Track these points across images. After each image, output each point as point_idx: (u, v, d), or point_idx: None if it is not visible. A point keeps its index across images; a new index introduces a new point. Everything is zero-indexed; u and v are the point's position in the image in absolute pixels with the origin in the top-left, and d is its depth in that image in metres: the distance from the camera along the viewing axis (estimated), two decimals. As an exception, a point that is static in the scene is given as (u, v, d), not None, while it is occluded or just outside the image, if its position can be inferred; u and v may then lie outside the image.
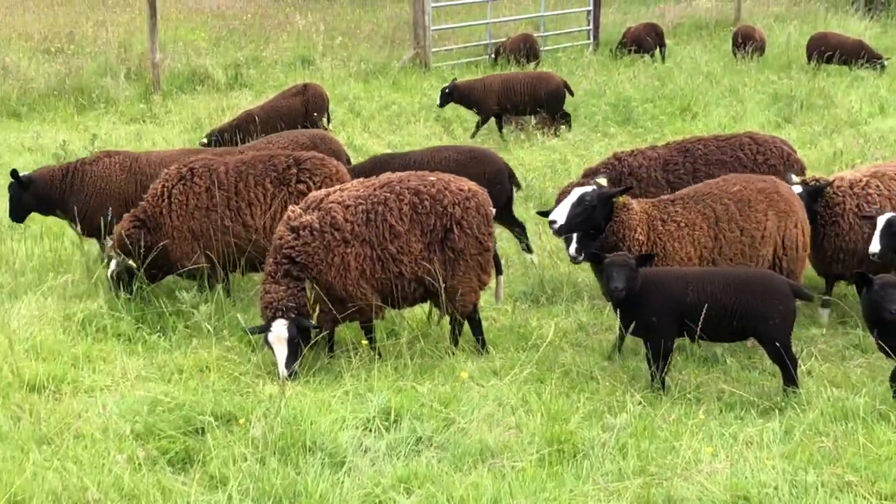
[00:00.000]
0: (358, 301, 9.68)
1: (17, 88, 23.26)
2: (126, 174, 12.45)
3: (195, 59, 26.61)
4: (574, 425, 8.14)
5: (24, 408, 8.41)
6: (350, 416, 8.28)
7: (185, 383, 9.15)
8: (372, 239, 9.67)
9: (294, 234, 9.60)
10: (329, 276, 9.55)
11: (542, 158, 17.90)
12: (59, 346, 9.91)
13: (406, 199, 9.78)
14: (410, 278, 9.79)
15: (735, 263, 9.92)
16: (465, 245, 9.84)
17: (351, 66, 27.39)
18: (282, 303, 9.44)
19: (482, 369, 9.46)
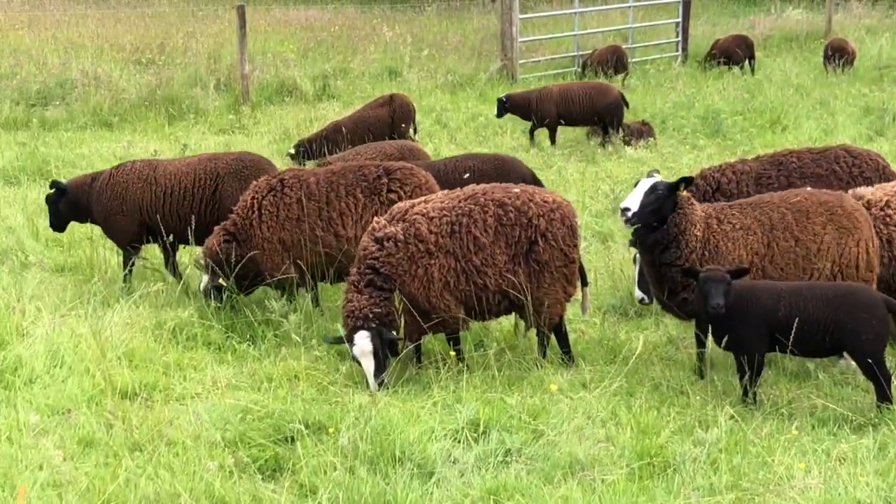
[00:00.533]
0: (441, 313, 9.69)
1: (108, 99, 23.61)
2: (142, 183, 12.54)
3: (283, 70, 26.88)
4: (664, 439, 8.08)
5: (116, 415, 8.52)
6: (439, 427, 8.29)
7: (275, 392, 9.21)
8: (456, 251, 9.67)
9: (378, 245, 9.65)
10: (412, 287, 9.58)
11: (630, 171, 17.82)
12: (151, 354, 10.03)
13: (491, 211, 9.77)
14: (495, 290, 9.78)
15: (787, 274, 9.74)
16: (549, 257, 9.82)
17: (438, 78, 27.52)
18: (363, 311, 9.47)
19: (571, 382, 9.42)
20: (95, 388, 9.16)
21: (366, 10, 39.07)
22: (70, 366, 9.59)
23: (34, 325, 10.38)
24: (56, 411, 8.77)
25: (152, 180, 12.47)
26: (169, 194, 12.38)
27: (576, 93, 20.54)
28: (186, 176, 12.43)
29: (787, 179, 11.46)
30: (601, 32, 32.15)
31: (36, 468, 7.63)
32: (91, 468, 7.64)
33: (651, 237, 9.58)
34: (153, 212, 12.38)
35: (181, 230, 12.27)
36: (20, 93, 24.04)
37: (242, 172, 12.33)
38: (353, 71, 28.28)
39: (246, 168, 12.39)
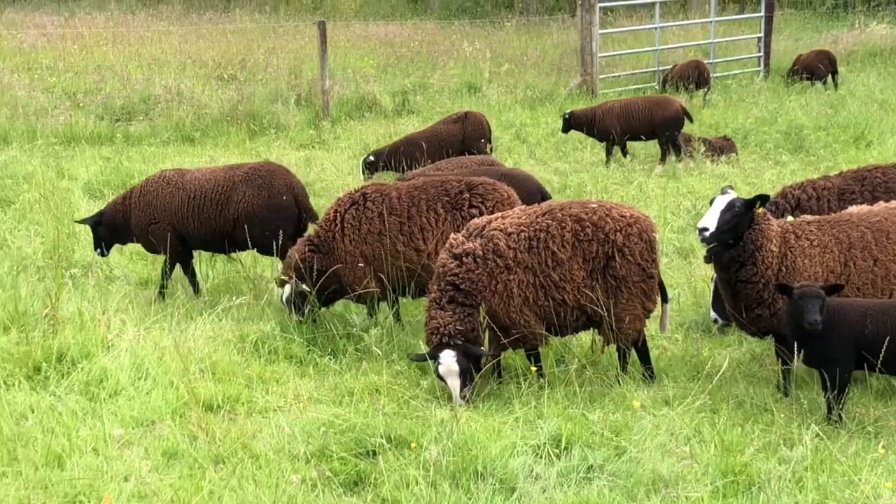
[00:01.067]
0: (521, 328, 9.69)
1: (191, 114, 23.92)
2: (172, 188, 12.81)
3: (363, 85, 27.06)
4: (749, 457, 8.01)
5: (200, 427, 8.60)
6: (520, 443, 8.28)
7: (356, 406, 9.26)
8: (534, 266, 9.68)
9: (457, 262, 9.66)
10: (493, 302, 9.59)
11: (712, 186, 17.70)
12: (234, 367, 10.12)
13: (568, 227, 9.76)
14: (573, 306, 9.77)
15: (864, 294, 9.61)
16: (627, 272, 9.80)
17: (517, 93, 27.58)
18: (448, 328, 9.47)
19: (654, 398, 9.37)
20: (179, 400, 9.25)
21: (445, 25, 39.22)
22: (154, 378, 9.69)
23: (119, 337, 10.51)
24: (140, 423, 8.87)
25: (180, 186, 12.79)
26: (192, 199, 12.67)
27: (637, 107, 20.44)
28: (209, 182, 12.72)
29: (871, 195, 11.31)
30: (682, 47, 32.03)
31: (121, 479, 7.71)
32: (175, 480, 7.71)
33: (727, 254, 9.51)
34: (180, 218, 12.73)
35: (202, 236, 12.74)
36: (104, 108, 24.41)
37: (256, 181, 12.55)
38: (432, 86, 28.39)
39: (260, 177, 12.60)
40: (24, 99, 24.15)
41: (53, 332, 10.54)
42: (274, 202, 12.50)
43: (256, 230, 12.45)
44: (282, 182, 12.61)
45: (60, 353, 10.00)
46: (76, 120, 23.18)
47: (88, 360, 9.90)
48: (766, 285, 9.47)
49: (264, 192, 12.49)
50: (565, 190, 17.32)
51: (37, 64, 28.25)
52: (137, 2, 46.49)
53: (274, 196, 12.51)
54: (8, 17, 38.55)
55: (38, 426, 8.57)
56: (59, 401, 9.14)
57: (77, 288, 12.14)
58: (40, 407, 8.99)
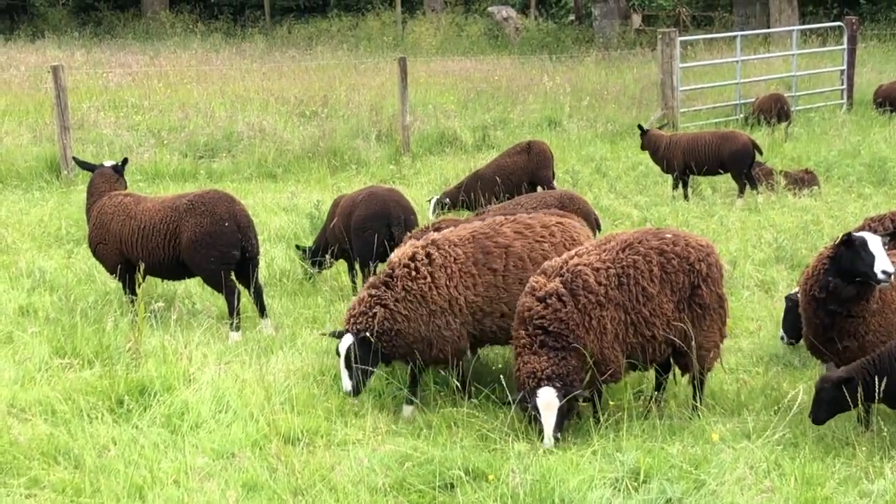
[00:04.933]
0: (612, 364, 9.60)
1: (273, 150, 24.16)
2: (125, 216, 13.07)
3: (444, 121, 27.20)
4: (830, 490, 7.94)
5: (280, 459, 8.66)
6: (599, 476, 8.25)
7: (434, 439, 9.27)
8: (625, 303, 9.61)
9: (542, 304, 9.47)
10: (586, 340, 9.42)
11: (794, 220, 17.61)
12: (313, 400, 10.19)
13: (654, 261, 9.72)
14: (662, 340, 9.73)
15: None
16: (710, 300, 9.80)
17: (598, 127, 27.57)
18: (545, 371, 9.27)
19: (733, 431, 9.30)
20: (259, 432, 9.34)
21: (525, 60, 39.25)
22: (235, 411, 9.79)
23: (200, 371, 10.64)
24: (221, 455, 8.96)
25: (133, 215, 13.05)
26: (141, 228, 12.90)
27: (704, 141, 20.27)
28: (157, 213, 12.91)
29: None
30: (764, 80, 31.84)
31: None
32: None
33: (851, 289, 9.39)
34: (129, 245, 13.01)
35: (152, 264, 12.88)
36: (188, 145, 24.71)
37: (199, 209, 12.67)
38: (512, 121, 28.46)
39: (203, 204, 12.71)
40: (110, 137, 24.51)
41: (136, 365, 10.70)
42: (216, 229, 12.60)
43: (200, 258, 12.61)
44: (224, 209, 12.70)
45: (142, 387, 10.15)
46: (160, 157, 23.50)
47: (170, 394, 10.03)
48: (864, 319, 9.43)
49: (206, 219, 12.59)
50: (645, 223, 17.26)
51: (122, 102, 28.66)
52: (221, 41, 47.04)
53: (216, 223, 12.60)
54: (95, 56, 39.13)
55: (120, 458, 8.69)
56: (140, 433, 9.27)
57: (160, 322, 12.28)
58: (122, 439, 9.12)
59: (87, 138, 24.55)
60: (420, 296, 10.06)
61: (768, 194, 19.61)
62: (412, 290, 10.06)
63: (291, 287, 14.58)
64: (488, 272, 10.31)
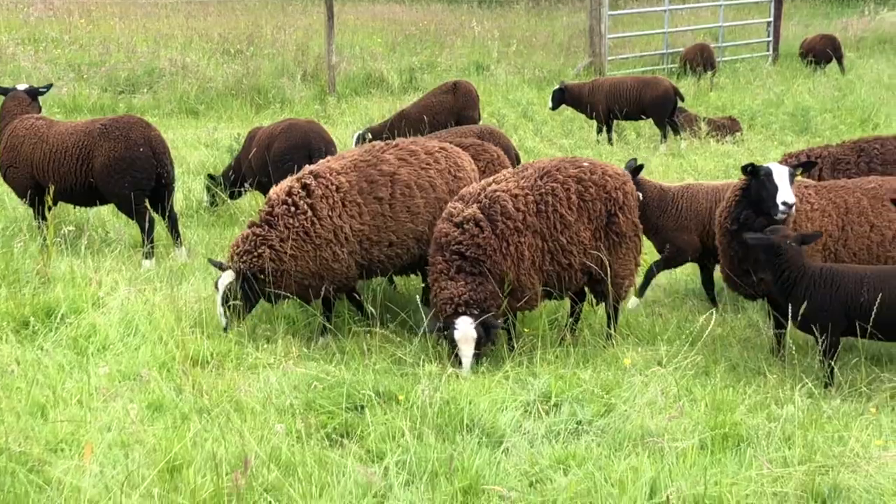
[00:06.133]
0: (528, 291, 9.55)
1: (195, 87, 23.88)
2: (37, 139, 12.80)
3: (370, 63, 27.01)
4: (739, 416, 7.92)
5: (187, 378, 8.51)
6: (510, 399, 8.21)
7: (347, 363, 9.17)
8: (543, 230, 9.54)
9: (459, 230, 9.40)
10: (503, 266, 9.37)
11: (716, 164, 17.66)
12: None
13: (572, 188, 9.64)
14: (578, 268, 9.67)
15: (860, 260, 9.53)
16: (626, 229, 9.77)
17: (525, 73, 27.46)
18: (462, 297, 9.20)
19: (646, 358, 9.29)
20: (168, 354, 9.18)
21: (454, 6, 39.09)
22: (144, 334, 9.61)
23: (110, 295, 10.45)
24: (127, 377, 8.78)
25: (45, 138, 12.78)
26: (54, 152, 12.63)
27: (626, 86, 20.33)
28: (70, 137, 12.66)
29: (867, 166, 11.20)
30: (692, 30, 31.92)
31: (104, 429, 7.62)
32: (159, 430, 7.61)
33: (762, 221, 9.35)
34: (40, 170, 12.73)
35: (64, 189, 12.64)
36: (108, 80, 24.37)
37: (113, 133, 12.47)
38: (440, 65, 28.31)
39: (117, 129, 12.52)
40: (28, 70, 24.11)
41: (44, 288, 10.49)
42: (130, 155, 12.39)
43: (113, 183, 12.39)
44: (139, 135, 12.51)
45: (49, 309, 9.95)
46: (80, 91, 23.16)
47: (77, 316, 9.85)
48: None
49: (120, 144, 12.38)
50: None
51: (42, 36, 28.18)
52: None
53: (130, 148, 12.40)
54: (16, -9, 38.47)
55: (23, 377, 8.49)
56: (45, 354, 9.07)
57: (70, 247, 12.06)
58: (26, 359, 8.91)
59: (4, 71, 24.15)
60: (304, 232, 9.84)
61: (691, 140, 19.64)
62: (294, 227, 9.83)
63: (208, 218, 14.39)
64: (374, 201, 10.10)
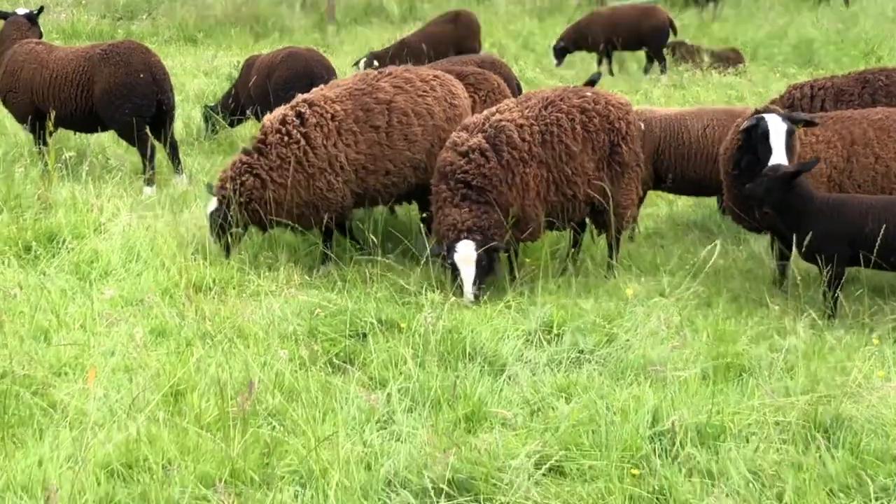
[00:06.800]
0: (532, 222, 9.53)
1: (194, 15, 23.73)
2: (36, 64, 12.76)
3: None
4: (741, 346, 7.95)
5: (189, 304, 8.53)
6: (511, 329, 8.24)
7: (349, 292, 9.18)
8: (548, 161, 9.50)
9: (465, 159, 9.35)
10: (509, 196, 9.34)
11: (718, 96, 17.61)
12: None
13: (577, 118, 9.60)
14: (582, 199, 9.65)
15: (864, 191, 9.51)
16: (629, 158, 9.76)
17: (526, 3, 27.30)
18: (466, 224, 9.18)
19: (648, 289, 9.31)
20: (170, 280, 9.20)
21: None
22: (146, 261, 9.64)
23: (111, 221, 10.45)
24: (130, 303, 8.79)
25: (45, 63, 12.73)
26: (54, 77, 12.60)
27: (623, 15, 20.29)
28: (70, 62, 12.61)
29: (871, 98, 11.11)
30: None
31: (108, 354, 7.64)
32: (162, 355, 7.64)
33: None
34: (40, 96, 12.70)
35: (64, 115, 12.64)
36: (107, 6, 24.27)
37: (113, 59, 12.42)
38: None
39: (118, 54, 12.47)
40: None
41: (45, 214, 10.49)
42: (130, 80, 12.36)
43: (113, 109, 12.37)
44: (139, 60, 12.48)
45: (51, 234, 9.98)
46: (78, 17, 22.99)
47: (79, 242, 9.87)
48: None
49: (121, 69, 12.34)
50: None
51: (40, -39, 27.96)
52: None
53: (131, 74, 12.36)
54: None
55: (26, 302, 8.50)
56: (48, 279, 9.08)
57: (71, 174, 12.03)
58: (29, 284, 8.92)
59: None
60: (296, 162, 9.80)
61: (693, 71, 19.57)
62: (287, 157, 9.79)
63: (208, 146, 14.36)
64: (370, 129, 10.05)
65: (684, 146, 11.26)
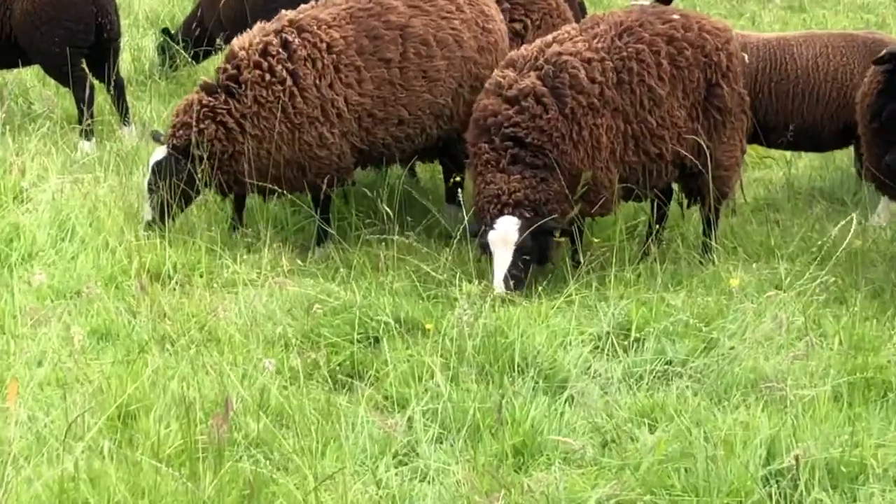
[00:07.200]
0: (604, 191, 9.45)
1: None
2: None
3: None
4: (885, 358, 7.93)
5: (143, 298, 8.53)
6: (575, 332, 8.22)
7: (355, 282, 9.17)
8: (626, 108, 9.43)
9: (515, 107, 9.21)
10: (576, 157, 9.26)
11: (850, 21, 17.55)
12: (190, 228, 10.09)
13: (662, 51, 9.53)
14: (670, 159, 9.60)
15: None
16: (731, 102, 9.75)
17: None
18: (515, 195, 9.08)
19: (759, 280, 9.30)
20: (116, 265, 9.23)
21: None
22: (83, 238, 9.67)
23: (37, 186, 10.48)
24: (62, 295, 8.83)
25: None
26: None
27: None
28: None
29: None
30: None
31: (34, 363, 7.66)
32: (107, 365, 7.65)
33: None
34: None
35: None
36: None
37: None
38: None
39: None
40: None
41: (-52, 175, 10.55)
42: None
43: (39, 37, 12.33)
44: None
45: (-46, 204, 10.01)
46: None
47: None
48: None
49: None
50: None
51: None
52: None
53: None
54: None
55: (-78, 294, 8.57)
56: (-49, 264, 9.14)
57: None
58: (-75, 271, 8.99)
59: None
60: (279, 108, 9.74)
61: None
62: (267, 101, 9.76)
63: (165, 86, 14.37)
64: (379, 63, 10.01)
65: (788, 81, 11.21)
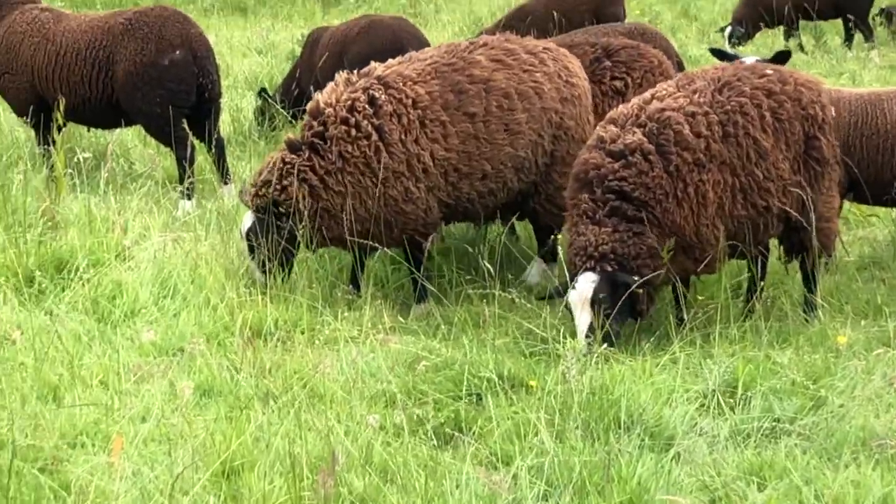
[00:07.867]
0: (709, 247, 9.33)
1: (244, -25, 23.99)
2: (40, 38, 12.74)
3: (477, -56, 26.90)
4: None
5: (245, 356, 8.53)
6: (680, 389, 8.17)
7: (457, 339, 9.15)
8: (734, 162, 9.35)
9: (622, 162, 9.12)
10: (678, 216, 9.17)
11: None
12: (292, 285, 10.09)
13: (764, 104, 9.47)
14: (777, 212, 9.52)
15: None
16: (828, 153, 9.68)
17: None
18: (602, 248, 8.96)
19: (867, 337, 9.21)
20: (218, 323, 9.25)
21: None
22: (184, 296, 9.70)
23: (139, 244, 10.53)
24: (165, 352, 8.85)
25: (50, 37, 12.70)
26: (62, 55, 12.60)
27: None
28: (84, 35, 12.60)
29: None
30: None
31: (138, 419, 7.67)
32: (210, 421, 7.65)
33: None
34: (43, 78, 12.69)
35: (75, 105, 12.59)
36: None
37: (140, 31, 12.41)
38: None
39: (146, 25, 12.47)
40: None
41: (53, 234, 10.58)
42: (163, 59, 12.34)
43: (140, 97, 12.38)
44: (174, 33, 12.49)
45: (60, 261, 10.07)
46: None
47: (97, 271, 9.93)
48: None
49: (150, 45, 12.32)
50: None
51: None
52: None
53: (163, 51, 12.34)
54: None
55: (29, 350, 8.57)
56: (56, 320, 9.15)
57: (86, 182, 12.12)
58: (32, 326, 8.98)
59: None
60: (364, 163, 9.75)
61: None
62: (353, 158, 9.75)
63: (265, 147, 14.42)
64: (464, 118, 9.99)
65: (878, 136, 11.11)
